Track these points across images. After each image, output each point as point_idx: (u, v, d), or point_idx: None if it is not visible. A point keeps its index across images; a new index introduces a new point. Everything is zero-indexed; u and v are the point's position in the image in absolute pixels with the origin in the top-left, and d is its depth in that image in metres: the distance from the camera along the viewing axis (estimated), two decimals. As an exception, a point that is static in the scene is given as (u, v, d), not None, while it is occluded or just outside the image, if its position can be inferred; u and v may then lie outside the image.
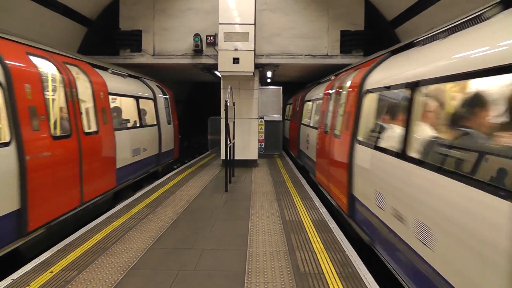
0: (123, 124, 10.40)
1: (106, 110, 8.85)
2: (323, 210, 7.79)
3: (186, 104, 26.72)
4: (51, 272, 4.74)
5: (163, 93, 14.13)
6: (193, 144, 24.31)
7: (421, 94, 4.40)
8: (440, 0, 9.34)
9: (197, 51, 13.00)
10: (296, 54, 13.24)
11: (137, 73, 12.53)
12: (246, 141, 13.51)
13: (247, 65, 11.83)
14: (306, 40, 13.22)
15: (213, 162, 14.78)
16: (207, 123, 19.34)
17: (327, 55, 13.21)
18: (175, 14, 13.26)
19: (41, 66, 6.58)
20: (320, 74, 16.01)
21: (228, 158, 10.02)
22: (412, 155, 4.34)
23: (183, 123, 19.39)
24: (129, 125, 10.72)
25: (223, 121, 10.67)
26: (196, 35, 12.81)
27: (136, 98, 11.26)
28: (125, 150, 9.95)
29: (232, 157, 11.27)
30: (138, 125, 11.19)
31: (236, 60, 11.74)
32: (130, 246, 5.67)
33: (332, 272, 4.80)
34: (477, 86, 3.58)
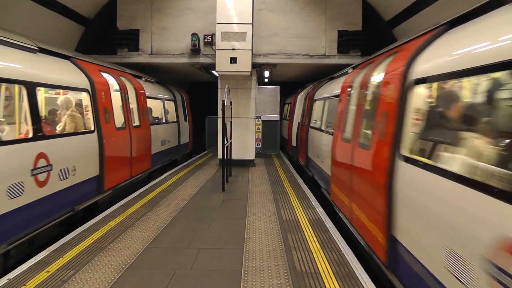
0: (154, 120, 13.09)
1: (145, 110, 11.57)
2: (320, 210, 7.81)
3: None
4: (48, 272, 4.73)
5: (181, 95, 16.82)
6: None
7: None
8: (438, 0, 9.35)
9: (195, 51, 12.98)
10: (294, 54, 13.24)
11: (160, 79, 15.23)
12: (244, 141, 13.52)
13: (245, 65, 11.83)
14: (304, 40, 13.22)
15: (211, 162, 14.78)
16: (205, 123, 19.40)
17: (325, 55, 13.22)
18: (173, 14, 13.24)
19: (108, 79, 9.35)
20: (318, 74, 16.03)
21: (225, 158, 10.02)
22: None
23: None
24: (158, 121, 13.50)
25: (221, 121, 10.68)
26: (194, 35, 12.79)
27: (162, 100, 14.16)
28: (157, 141, 12.54)
29: (229, 157, 11.27)
30: (164, 121, 14.01)
31: (234, 60, 11.74)
32: (127, 246, 5.67)
33: (329, 271, 4.81)
34: None
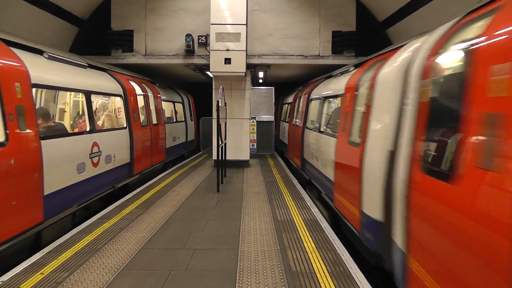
0: (168, 120, 15.16)
1: (161, 110, 13.89)
2: (315, 210, 7.82)
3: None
4: (42, 274, 4.71)
5: (187, 98, 19.27)
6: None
7: None
8: (432, 1, 9.41)
9: (189, 52, 12.98)
10: (288, 55, 13.26)
11: (171, 84, 17.85)
12: (238, 142, 13.51)
13: (239, 66, 11.83)
14: (298, 41, 13.25)
15: (205, 163, 14.77)
16: (199, 124, 19.41)
17: (319, 56, 13.25)
18: (167, 14, 13.22)
19: (134, 86, 11.50)
20: (312, 75, 16.06)
21: (220, 159, 10.02)
22: None
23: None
24: (170, 121, 15.53)
25: (215, 122, 10.68)
26: (188, 35, 12.79)
27: (173, 102, 16.54)
28: (170, 137, 14.73)
29: (224, 158, 11.27)
30: (174, 121, 16.37)
31: (228, 61, 11.74)
32: (122, 247, 5.66)
33: (324, 271, 4.82)
34: None
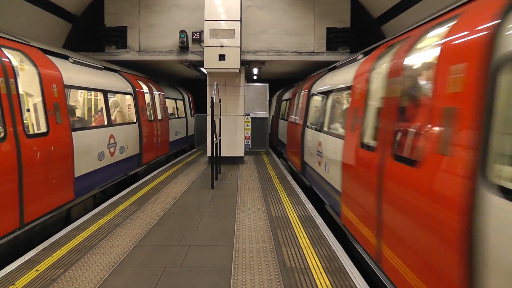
0: (170, 116, 16.42)
1: (165, 107, 15.21)
2: (309, 206, 7.84)
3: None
4: (37, 271, 4.70)
5: (187, 95, 20.73)
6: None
7: None
8: (426, -3, 9.42)
9: (183, 48, 12.94)
10: (283, 51, 13.25)
11: (173, 83, 19.98)
12: (233, 138, 13.50)
13: (233, 62, 11.80)
14: (293, 37, 13.24)
15: (200, 159, 14.76)
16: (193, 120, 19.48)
17: (314, 52, 13.26)
18: (161, 11, 13.17)
19: (142, 85, 12.81)
20: (307, 72, 16.07)
21: (215, 155, 10.01)
22: None
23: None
24: (173, 117, 16.85)
25: (209, 118, 10.67)
26: (182, 32, 12.74)
27: (175, 100, 17.90)
28: (173, 131, 15.96)
29: (219, 154, 11.27)
30: (176, 117, 17.68)
31: (222, 57, 11.70)
32: (116, 244, 5.65)
33: (319, 267, 4.85)
34: None
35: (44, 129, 6.62)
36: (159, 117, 14.07)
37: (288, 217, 7.05)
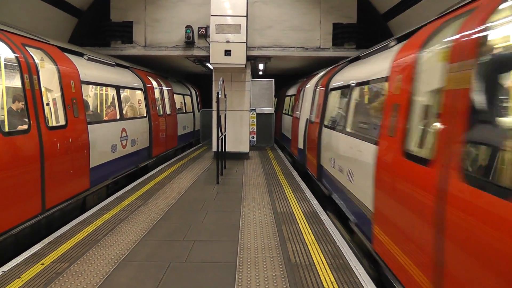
0: (178, 111, 16.66)
1: (174, 102, 15.71)
2: (314, 202, 7.83)
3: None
4: (42, 264, 4.72)
5: (195, 91, 21.33)
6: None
7: None
8: (433, -7, 9.34)
9: (189, 43, 12.91)
10: (288, 47, 13.20)
11: (181, 78, 20.31)
12: (238, 134, 13.50)
13: (239, 57, 11.78)
14: (298, 33, 13.17)
15: (205, 155, 14.77)
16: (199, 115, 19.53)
17: (319, 48, 13.19)
18: (167, 5, 13.14)
19: (152, 80, 13.25)
20: (313, 67, 16.00)
21: (220, 151, 10.01)
22: None
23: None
24: (181, 111, 17.20)
25: (215, 113, 10.66)
26: (188, 27, 12.71)
27: (183, 95, 18.37)
28: (181, 126, 16.45)
29: (224, 150, 11.26)
30: (184, 112, 18.15)
31: (228, 52, 11.68)
32: (121, 238, 5.67)
33: (323, 263, 4.84)
34: None
35: (63, 122, 7.11)
36: (168, 112, 14.56)
37: (293, 213, 7.04)
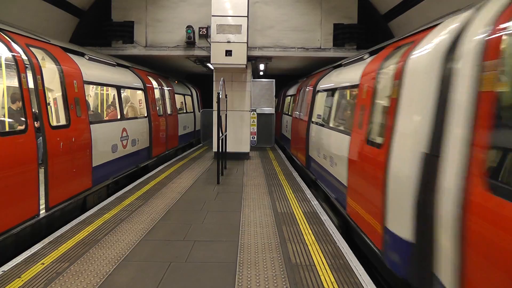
0: (179, 111, 16.74)
1: (175, 102, 15.78)
2: (315, 203, 7.82)
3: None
4: (42, 264, 4.72)
5: (195, 91, 21.28)
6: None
7: None
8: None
9: (190, 43, 12.93)
10: (289, 47, 13.21)
11: (181, 78, 20.43)
12: (238, 134, 13.50)
13: (240, 58, 11.78)
14: (299, 33, 13.18)
15: (205, 155, 14.77)
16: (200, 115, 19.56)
17: (320, 48, 13.20)
18: (168, 6, 13.16)
19: (153, 81, 13.22)
20: (313, 68, 16.00)
21: (220, 151, 10.01)
22: None
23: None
24: (181, 111, 17.19)
25: (216, 114, 10.66)
26: (189, 27, 12.73)
27: (183, 95, 18.29)
28: (181, 126, 16.47)
29: (224, 150, 11.26)
30: (185, 111, 17.98)
31: (229, 53, 11.68)
32: (122, 238, 5.67)
33: (324, 264, 4.83)
34: None
35: (66, 122, 7.19)
36: (169, 112, 14.61)
37: (294, 213, 7.04)
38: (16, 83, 5.91)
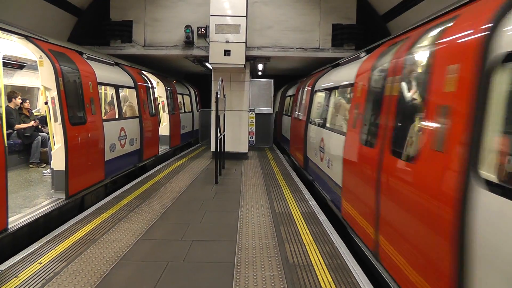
0: (180, 110, 17.09)
1: (177, 102, 16.45)
2: (313, 203, 7.83)
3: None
4: (40, 263, 4.71)
5: (194, 91, 21.48)
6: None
7: None
8: (432, -5, 9.34)
9: (188, 43, 12.91)
10: (288, 47, 13.20)
11: (180, 78, 20.59)
12: (237, 134, 13.50)
13: (238, 58, 11.78)
14: (298, 33, 13.18)
15: (204, 154, 14.76)
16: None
17: (319, 49, 13.20)
18: (167, 5, 13.14)
19: (147, 81, 12.76)
20: (312, 68, 16.01)
21: (219, 151, 10.01)
22: None
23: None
24: (180, 111, 17.14)
25: (214, 113, 10.66)
26: (188, 27, 12.71)
27: (182, 95, 18.29)
28: (182, 125, 16.99)
29: (223, 150, 11.26)
30: (183, 111, 18.10)
31: (227, 52, 11.68)
32: (119, 238, 5.66)
33: (321, 264, 4.84)
34: None
35: (83, 119, 7.94)
36: (173, 112, 15.26)
37: (291, 214, 7.04)
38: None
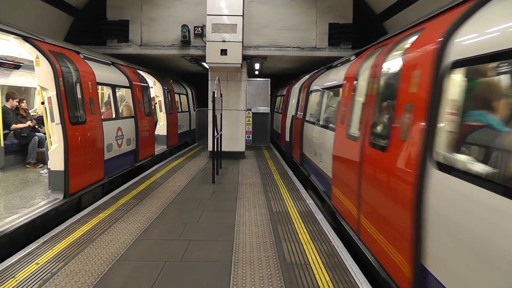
0: (177, 110, 17.19)
1: (175, 102, 16.53)
2: (310, 202, 7.84)
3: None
4: (37, 264, 4.70)
5: (191, 90, 21.73)
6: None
7: None
8: (428, -6, 9.37)
9: (185, 42, 12.91)
10: (284, 46, 13.22)
11: (177, 77, 20.65)
12: (234, 133, 13.51)
13: (235, 57, 11.78)
14: (295, 32, 13.20)
15: (201, 154, 14.76)
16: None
17: (315, 48, 13.22)
18: (163, 4, 13.14)
19: (142, 80, 12.57)
20: (309, 67, 16.03)
21: (216, 150, 10.01)
22: None
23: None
24: (178, 111, 17.49)
25: (211, 113, 10.66)
26: (184, 26, 12.71)
27: (179, 94, 18.30)
28: (180, 124, 17.19)
29: (220, 149, 11.26)
30: (180, 111, 18.09)
31: (224, 52, 11.68)
32: (117, 238, 5.66)
33: (319, 262, 4.85)
34: None
35: (83, 119, 8.01)
36: (170, 111, 15.43)
37: (289, 212, 7.05)
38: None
